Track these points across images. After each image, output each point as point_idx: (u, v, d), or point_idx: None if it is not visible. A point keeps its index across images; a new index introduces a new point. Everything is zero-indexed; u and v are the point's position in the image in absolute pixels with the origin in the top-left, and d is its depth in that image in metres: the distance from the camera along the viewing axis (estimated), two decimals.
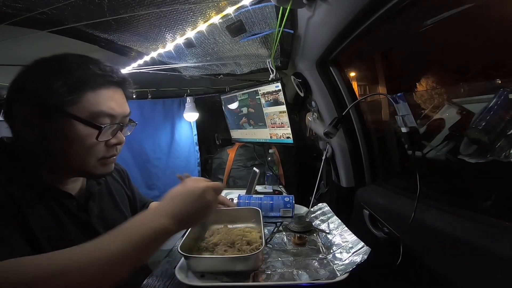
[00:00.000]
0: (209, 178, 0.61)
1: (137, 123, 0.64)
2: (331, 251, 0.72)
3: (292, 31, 0.85)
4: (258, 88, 1.35)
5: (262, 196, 1.06)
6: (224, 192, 1.53)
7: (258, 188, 1.51)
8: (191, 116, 2.07)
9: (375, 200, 0.89)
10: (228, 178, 1.95)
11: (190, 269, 0.66)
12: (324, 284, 0.59)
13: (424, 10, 0.66)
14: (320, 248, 0.76)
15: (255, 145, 1.88)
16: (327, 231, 0.83)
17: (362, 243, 0.66)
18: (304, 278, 0.62)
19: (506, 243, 0.45)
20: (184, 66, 1.25)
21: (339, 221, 0.84)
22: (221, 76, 1.46)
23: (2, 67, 1.13)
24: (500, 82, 0.65)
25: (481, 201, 0.66)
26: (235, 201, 1.08)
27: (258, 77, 1.51)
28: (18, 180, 0.50)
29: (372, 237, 0.83)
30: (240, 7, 0.69)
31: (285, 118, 1.27)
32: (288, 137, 1.30)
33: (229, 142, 2.06)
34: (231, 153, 1.99)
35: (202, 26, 0.79)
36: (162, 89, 2.00)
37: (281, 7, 0.70)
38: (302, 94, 1.13)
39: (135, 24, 0.77)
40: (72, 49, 0.57)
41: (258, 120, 1.47)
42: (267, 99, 1.33)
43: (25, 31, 0.75)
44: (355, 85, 1.16)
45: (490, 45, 0.66)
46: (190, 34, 0.85)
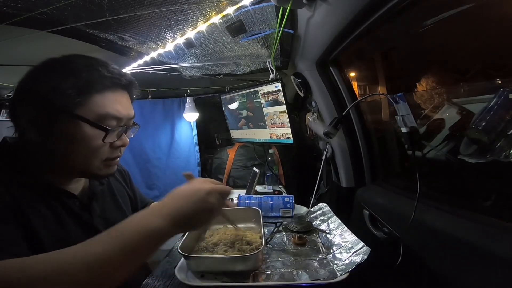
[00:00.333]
0: (209, 178, 0.61)
1: (139, 125, 0.64)
2: (331, 251, 0.72)
3: (292, 31, 0.85)
4: (258, 88, 1.35)
5: (262, 196, 1.06)
6: None
7: (258, 188, 1.51)
8: (191, 116, 2.07)
9: (375, 200, 0.89)
10: (228, 178, 1.95)
11: (190, 269, 0.66)
12: (324, 284, 0.60)
13: (424, 10, 0.66)
14: (320, 248, 0.76)
15: (255, 145, 1.88)
16: (327, 231, 0.83)
17: (362, 243, 0.66)
18: (304, 278, 0.62)
19: (506, 243, 0.45)
20: (184, 66, 1.25)
21: (339, 221, 0.84)
22: (221, 76, 1.46)
23: (2, 67, 1.13)
24: (500, 82, 0.64)
25: (481, 201, 0.66)
26: (235, 201, 1.08)
27: (258, 77, 1.51)
28: (21, 180, 0.50)
29: (372, 237, 0.83)
30: (240, 7, 0.69)
31: (285, 118, 1.27)
32: (288, 137, 1.30)
33: (229, 142, 2.06)
34: (231, 153, 1.99)
35: (202, 26, 0.79)
36: (162, 89, 2.00)
37: (281, 7, 0.69)
38: (302, 94, 1.13)
39: (135, 24, 0.77)
40: (72, 49, 0.57)
41: (258, 122, 1.48)
42: (267, 99, 1.33)
43: (25, 31, 0.75)
44: (355, 85, 1.16)
45: (490, 45, 0.66)
46: (190, 34, 0.85)
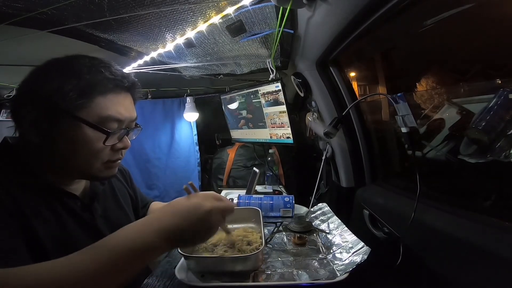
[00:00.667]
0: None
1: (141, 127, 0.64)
2: (331, 251, 0.72)
3: (292, 31, 0.85)
4: (258, 88, 1.35)
5: (262, 196, 1.06)
6: (224, 192, 1.54)
7: (258, 188, 1.51)
8: (191, 116, 2.07)
9: (375, 200, 0.89)
10: (228, 178, 1.95)
11: (190, 269, 0.66)
12: (324, 284, 0.59)
13: (424, 10, 0.66)
14: (320, 248, 0.76)
15: (255, 145, 1.88)
16: (327, 231, 0.83)
17: (362, 243, 0.66)
18: (304, 278, 0.62)
19: (506, 243, 0.45)
20: (184, 66, 1.25)
21: (339, 221, 0.84)
22: (221, 76, 1.46)
23: (2, 67, 1.13)
24: (500, 82, 0.64)
25: (481, 201, 0.66)
26: (235, 201, 1.08)
27: (258, 77, 1.51)
28: (22, 180, 0.50)
29: (372, 237, 0.83)
30: (240, 7, 0.69)
31: (285, 118, 1.27)
32: (288, 137, 1.30)
33: (229, 142, 2.06)
34: (231, 153, 1.99)
35: (202, 26, 0.79)
36: (162, 89, 2.00)
37: (281, 7, 0.69)
38: (302, 94, 1.13)
39: (135, 24, 0.77)
40: (72, 49, 0.57)
41: (258, 122, 1.48)
42: (267, 99, 1.33)
43: (25, 31, 0.75)
44: (355, 85, 1.16)
45: (490, 45, 0.66)
46: (190, 34, 0.85)
